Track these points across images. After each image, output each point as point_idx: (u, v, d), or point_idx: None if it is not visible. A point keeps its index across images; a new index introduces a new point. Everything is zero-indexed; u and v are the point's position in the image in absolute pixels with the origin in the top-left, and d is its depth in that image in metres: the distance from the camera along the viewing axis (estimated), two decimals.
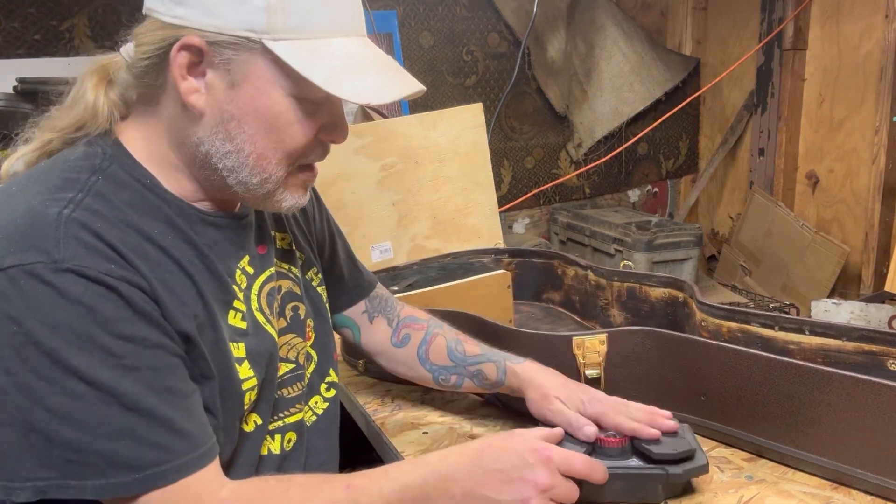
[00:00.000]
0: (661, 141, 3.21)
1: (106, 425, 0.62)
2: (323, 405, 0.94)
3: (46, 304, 0.61)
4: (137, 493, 0.63)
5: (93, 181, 0.69)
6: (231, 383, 0.75)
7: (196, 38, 0.67)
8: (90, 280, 0.62)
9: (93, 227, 0.64)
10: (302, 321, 0.91)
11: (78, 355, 0.61)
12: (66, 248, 0.62)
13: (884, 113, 2.35)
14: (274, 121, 0.71)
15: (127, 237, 0.67)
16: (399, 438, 1.01)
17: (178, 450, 0.65)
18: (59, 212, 0.64)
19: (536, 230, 3.02)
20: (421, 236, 1.80)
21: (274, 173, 0.74)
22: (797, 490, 0.81)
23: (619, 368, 0.98)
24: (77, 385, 0.61)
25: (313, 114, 0.72)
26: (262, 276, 0.84)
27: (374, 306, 1.07)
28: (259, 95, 0.70)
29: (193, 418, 0.68)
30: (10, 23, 1.93)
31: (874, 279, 2.44)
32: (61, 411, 0.61)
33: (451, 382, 1.00)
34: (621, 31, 2.91)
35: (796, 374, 0.82)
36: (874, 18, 2.37)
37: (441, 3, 2.63)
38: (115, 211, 0.68)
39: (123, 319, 0.64)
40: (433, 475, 0.71)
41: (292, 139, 0.72)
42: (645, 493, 0.78)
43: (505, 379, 0.95)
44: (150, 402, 0.64)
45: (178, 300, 0.70)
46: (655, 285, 1.30)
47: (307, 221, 0.98)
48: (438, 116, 1.78)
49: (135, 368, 0.64)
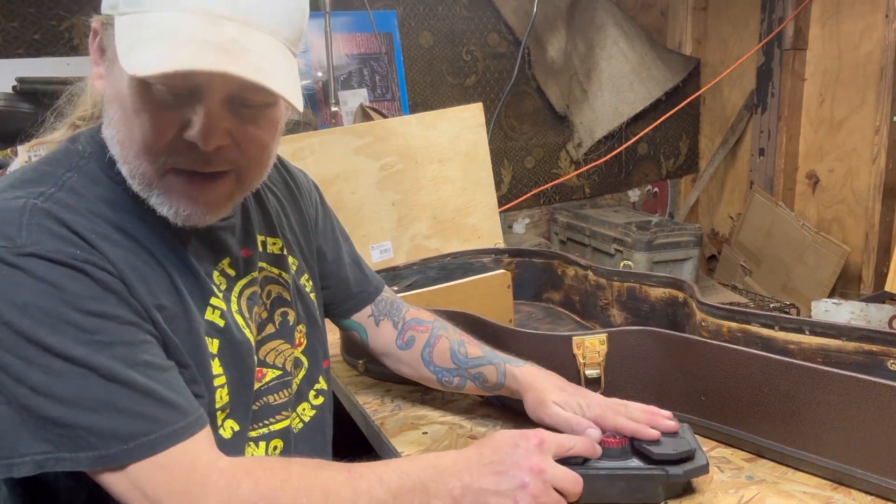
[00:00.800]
0: (662, 141, 3.21)
1: (88, 399, 0.62)
2: (310, 412, 0.93)
3: (12, 285, 0.61)
4: (127, 462, 0.63)
5: (67, 177, 0.69)
6: (206, 374, 0.74)
7: (96, 22, 0.68)
8: (53, 262, 0.63)
9: (58, 216, 0.65)
10: (291, 327, 0.90)
11: (49, 333, 0.62)
12: (28, 234, 0.63)
13: (884, 113, 2.35)
14: (126, 105, 0.67)
15: (96, 227, 0.67)
16: (399, 438, 1.01)
17: (164, 419, 0.65)
18: (25, 202, 0.64)
19: (536, 230, 3.02)
20: (421, 236, 1.80)
21: (137, 167, 0.68)
22: (797, 490, 0.81)
23: (619, 368, 0.98)
24: (53, 361, 0.62)
25: (170, 105, 0.65)
26: (244, 280, 0.83)
27: (380, 310, 1.06)
28: (120, 77, 0.65)
29: (176, 390, 0.68)
30: (10, 22, 1.93)
31: (874, 279, 2.44)
32: (43, 388, 0.61)
33: (454, 384, 1.00)
34: (621, 30, 2.91)
35: (796, 374, 0.82)
36: (874, 18, 2.37)
37: (441, 2, 2.63)
38: (88, 204, 0.68)
39: (92, 297, 0.64)
40: (432, 469, 0.71)
41: (142, 127, 0.66)
42: (645, 494, 0.78)
43: (504, 381, 0.95)
44: (128, 375, 0.64)
45: (148, 288, 0.69)
46: (655, 285, 1.30)
47: (304, 227, 0.97)
48: (438, 116, 1.78)
49: (109, 344, 0.64)
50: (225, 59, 0.60)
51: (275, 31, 0.66)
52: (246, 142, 0.69)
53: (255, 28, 0.64)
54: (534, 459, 0.71)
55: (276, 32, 0.66)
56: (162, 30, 0.61)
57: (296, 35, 0.69)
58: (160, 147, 0.66)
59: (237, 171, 0.71)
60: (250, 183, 0.75)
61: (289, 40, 0.68)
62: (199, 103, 0.65)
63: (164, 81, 0.63)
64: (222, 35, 0.61)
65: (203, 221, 0.71)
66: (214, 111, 0.65)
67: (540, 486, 0.70)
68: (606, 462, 0.78)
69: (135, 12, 0.63)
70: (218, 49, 0.60)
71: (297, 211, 0.97)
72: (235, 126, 0.68)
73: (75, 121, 0.79)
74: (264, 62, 0.63)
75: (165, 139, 0.66)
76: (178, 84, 0.63)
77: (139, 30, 0.62)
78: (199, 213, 0.70)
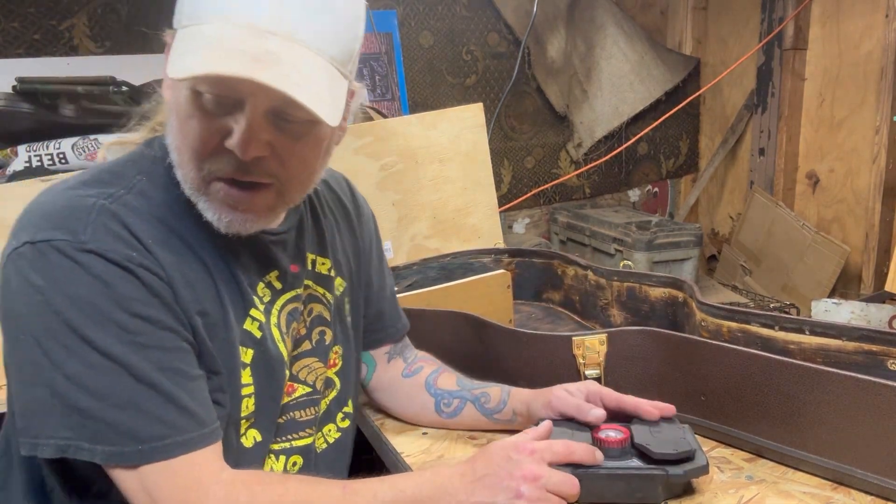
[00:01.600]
0: (662, 141, 3.21)
1: (115, 395, 0.66)
2: (336, 434, 0.94)
3: (68, 277, 0.65)
4: (139, 463, 0.66)
5: (137, 180, 0.74)
6: (235, 382, 0.77)
7: (168, 36, 0.71)
8: (109, 261, 0.67)
9: (122, 219, 0.69)
10: (327, 346, 0.91)
11: (93, 328, 0.65)
12: (92, 231, 0.67)
13: (884, 112, 2.35)
14: (180, 111, 0.70)
15: (155, 231, 0.72)
16: (399, 439, 1.01)
17: (180, 426, 0.68)
18: (94, 202, 0.69)
19: (536, 230, 3.02)
20: (421, 236, 1.80)
21: (187, 173, 0.72)
22: (797, 490, 0.81)
23: (619, 368, 0.98)
24: (91, 355, 0.65)
25: (216, 114, 0.68)
26: (289, 295, 0.85)
27: (397, 349, 1.08)
28: (178, 86, 0.70)
29: (198, 400, 0.71)
30: (10, 22, 1.93)
31: (874, 279, 2.44)
32: (77, 378, 0.65)
33: (451, 407, 1.00)
34: (621, 30, 2.91)
35: (796, 374, 0.82)
36: (874, 18, 2.37)
37: (441, 2, 2.63)
38: (151, 208, 0.73)
39: (139, 300, 0.68)
40: (428, 485, 0.72)
41: (191, 133, 0.69)
42: (645, 494, 0.78)
43: (508, 400, 0.95)
44: (156, 378, 0.67)
45: (194, 295, 0.73)
46: (655, 285, 1.30)
47: (357, 253, 0.99)
48: (439, 116, 1.78)
49: (146, 346, 0.67)
50: (254, 67, 0.62)
51: (319, 49, 0.68)
52: (287, 156, 0.72)
53: (297, 43, 0.66)
54: (528, 467, 0.71)
55: (320, 50, 0.68)
56: (206, 40, 0.64)
57: (345, 55, 0.71)
58: (204, 154, 0.70)
59: (279, 184, 0.73)
60: (292, 197, 0.77)
61: (336, 59, 0.69)
62: (241, 114, 0.67)
63: (212, 87, 0.66)
64: (260, 47, 0.64)
65: (244, 229, 0.74)
66: (255, 122, 0.67)
67: (536, 492, 0.70)
68: (606, 462, 0.78)
69: (192, 25, 0.67)
70: (252, 59, 0.63)
71: (353, 236, 0.99)
72: (277, 139, 0.70)
73: (155, 125, 0.83)
74: (297, 75, 0.64)
75: (209, 146, 0.69)
76: (223, 94, 0.66)
77: (190, 40, 0.66)
78: (239, 221, 0.73)
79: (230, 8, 0.65)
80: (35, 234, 0.66)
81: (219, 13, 0.65)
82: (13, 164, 1.45)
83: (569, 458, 0.75)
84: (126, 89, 1.50)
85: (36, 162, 1.43)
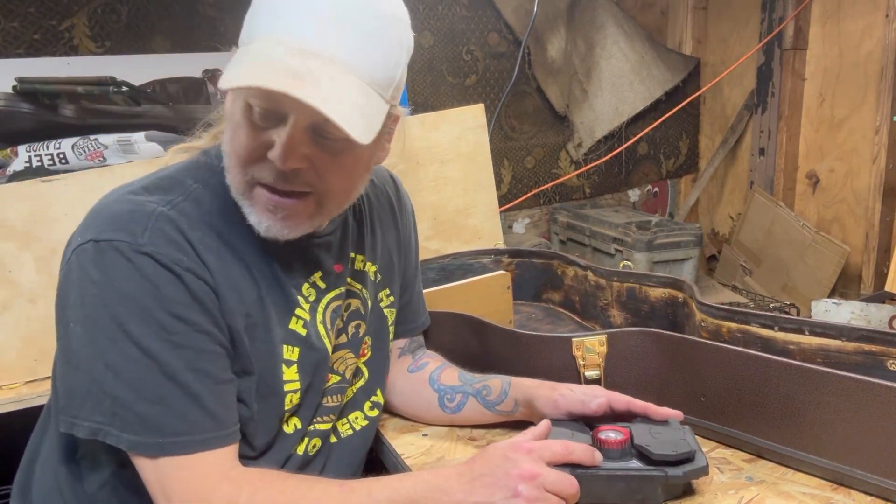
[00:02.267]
0: (662, 141, 3.21)
1: (147, 389, 0.71)
2: (363, 422, 0.97)
3: (122, 275, 0.72)
4: (157, 454, 0.72)
5: (194, 188, 0.80)
6: (273, 381, 0.82)
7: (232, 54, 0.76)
8: (161, 264, 0.73)
9: (178, 225, 0.76)
10: (360, 339, 0.96)
11: (137, 324, 0.71)
12: (150, 235, 0.74)
13: (884, 112, 2.35)
14: (233, 121, 0.76)
15: (207, 238, 0.78)
16: (399, 440, 1.01)
17: (201, 425, 0.73)
18: (155, 208, 0.76)
19: (536, 230, 3.02)
20: (421, 237, 1.79)
21: (234, 177, 0.78)
22: (797, 491, 0.81)
23: (619, 369, 0.98)
24: (131, 348, 0.71)
25: (263, 126, 0.73)
26: (332, 293, 0.91)
27: (410, 347, 1.11)
28: (235, 98, 0.76)
29: (222, 402, 0.76)
30: (10, 22, 1.93)
31: (874, 279, 2.43)
32: (115, 368, 0.71)
33: (455, 402, 1.00)
34: (621, 30, 2.91)
35: (796, 375, 0.82)
36: (874, 18, 2.37)
37: (441, 2, 2.63)
38: (204, 215, 0.79)
39: (182, 303, 0.74)
40: (424, 485, 0.73)
41: (239, 141, 0.75)
42: (644, 495, 0.78)
43: (509, 390, 0.96)
44: (186, 378, 0.73)
45: (238, 298, 0.79)
46: (655, 285, 1.30)
47: (399, 246, 1.04)
48: (440, 117, 1.78)
49: (181, 346, 0.73)
50: (292, 84, 0.66)
51: (359, 72, 0.72)
52: (324, 170, 0.76)
53: (337, 65, 0.70)
54: (525, 466, 0.71)
55: (360, 73, 0.72)
56: (254, 56, 0.70)
57: (387, 80, 0.75)
58: (249, 161, 0.75)
59: (317, 194, 0.78)
60: (330, 208, 0.82)
61: (376, 82, 0.73)
62: (284, 127, 0.72)
63: (261, 101, 0.71)
64: (302, 65, 0.68)
65: (283, 235, 0.79)
66: (295, 136, 0.72)
67: (534, 491, 0.70)
68: (606, 463, 0.78)
69: (247, 43, 0.73)
70: (292, 76, 0.67)
71: (396, 229, 1.04)
72: (315, 153, 0.74)
73: (217, 133, 0.90)
74: (333, 95, 0.68)
75: (254, 156, 0.75)
76: (270, 108, 0.72)
77: (242, 56, 0.72)
78: (278, 227, 0.78)
79: (279, 29, 0.70)
80: (100, 234, 0.73)
81: (268, 33, 0.71)
82: (13, 164, 1.45)
83: (567, 458, 0.75)
84: (126, 89, 1.50)
85: (36, 162, 1.43)
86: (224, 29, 2.15)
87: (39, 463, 0.88)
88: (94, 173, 1.34)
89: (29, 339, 1.31)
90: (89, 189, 1.31)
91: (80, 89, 1.49)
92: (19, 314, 1.30)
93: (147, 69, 1.93)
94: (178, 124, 1.42)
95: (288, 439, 0.86)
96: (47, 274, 1.30)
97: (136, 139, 1.41)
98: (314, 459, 0.90)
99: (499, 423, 1.02)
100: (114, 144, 1.41)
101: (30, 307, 1.30)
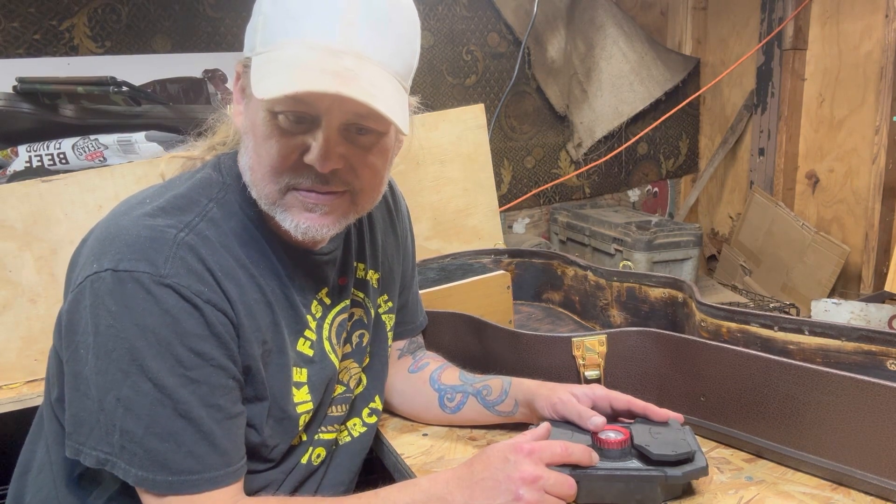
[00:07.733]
0: (661, 141, 3.21)
1: (157, 425, 0.70)
2: (361, 429, 0.98)
3: (142, 307, 0.69)
4: (165, 493, 0.70)
5: (209, 208, 0.78)
6: (286, 405, 0.82)
7: (239, 66, 0.76)
8: (182, 297, 0.71)
9: (198, 252, 0.74)
10: (363, 347, 0.97)
11: (153, 358, 0.69)
12: (172, 266, 0.71)
13: (884, 112, 2.35)
14: (257, 133, 0.74)
15: (225, 262, 0.76)
16: (399, 440, 1.01)
17: (210, 463, 0.72)
18: (175, 234, 0.73)
19: (536, 230, 3.02)
20: (421, 237, 1.80)
21: (263, 188, 0.76)
22: (797, 491, 0.81)
23: (619, 369, 0.98)
24: (145, 384, 0.69)
25: (293, 132, 0.72)
26: (337, 308, 0.91)
27: (409, 348, 1.11)
28: (255, 110, 0.74)
29: (233, 438, 0.75)
30: (10, 22, 1.93)
31: (874, 279, 2.43)
32: (126, 402, 0.69)
33: (455, 402, 1.00)
34: (621, 30, 2.91)
35: (796, 375, 0.82)
36: (874, 18, 2.37)
37: (441, 2, 2.63)
38: (221, 237, 0.77)
39: (199, 336, 0.72)
40: (422, 495, 0.73)
41: (268, 153, 0.74)
42: (644, 495, 0.78)
43: (509, 390, 0.95)
44: (198, 414, 0.71)
45: (255, 325, 0.77)
46: (655, 285, 1.30)
47: (397, 249, 1.04)
48: (440, 117, 1.78)
49: (195, 381, 0.71)
50: (339, 83, 0.67)
51: (386, 65, 0.72)
52: (360, 166, 0.76)
53: (366, 61, 0.71)
54: (526, 469, 0.71)
55: (387, 66, 0.72)
56: (287, 62, 0.69)
57: (406, 70, 0.76)
58: (284, 169, 0.74)
59: (352, 192, 0.78)
60: (363, 205, 0.82)
61: (399, 74, 0.74)
62: (318, 130, 0.72)
63: (289, 107, 0.70)
64: (338, 65, 0.68)
65: (320, 235, 0.78)
66: (331, 137, 0.72)
67: (535, 494, 0.70)
68: (605, 463, 0.78)
69: (267, 51, 0.71)
70: (334, 75, 0.67)
71: (394, 233, 1.04)
72: (350, 151, 0.74)
73: (214, 144, 0.89)
74: (374, 89, 0.69)
75: (288, 163, 0.74)
76: (301, 111, 0.71)
77: (269, 64, 0.70)
78: (316, 227, 0.77)
79: (304, 32, 0.70)
80: (118, 263, 0.70)
81: (293, 38, 0.70)
82: (13, 164, 1.45)
83: (566, 458, 0.75)
84: (126, 89, 1.50)
85: (36, 162, 1.43)
86: (224, 29, 2.15)
87: (32, 476, 0.86)
88: (94, 173, 1.34)
89: (29, 339, 1.31)
90: (89, 189, 1.31)
91: (81, 89, 1.49)
92: (19, 314, 1.30)
93: (147, 69, 1.94)
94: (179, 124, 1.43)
95: (295, 451, 0.87)
96: (47, 274, 1.30)
97: (136, 139, 1.41)
98: (317, 469, 0.91)
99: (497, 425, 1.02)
100: (114, 144, 1.41)
101: (30, 307, 1.31)
